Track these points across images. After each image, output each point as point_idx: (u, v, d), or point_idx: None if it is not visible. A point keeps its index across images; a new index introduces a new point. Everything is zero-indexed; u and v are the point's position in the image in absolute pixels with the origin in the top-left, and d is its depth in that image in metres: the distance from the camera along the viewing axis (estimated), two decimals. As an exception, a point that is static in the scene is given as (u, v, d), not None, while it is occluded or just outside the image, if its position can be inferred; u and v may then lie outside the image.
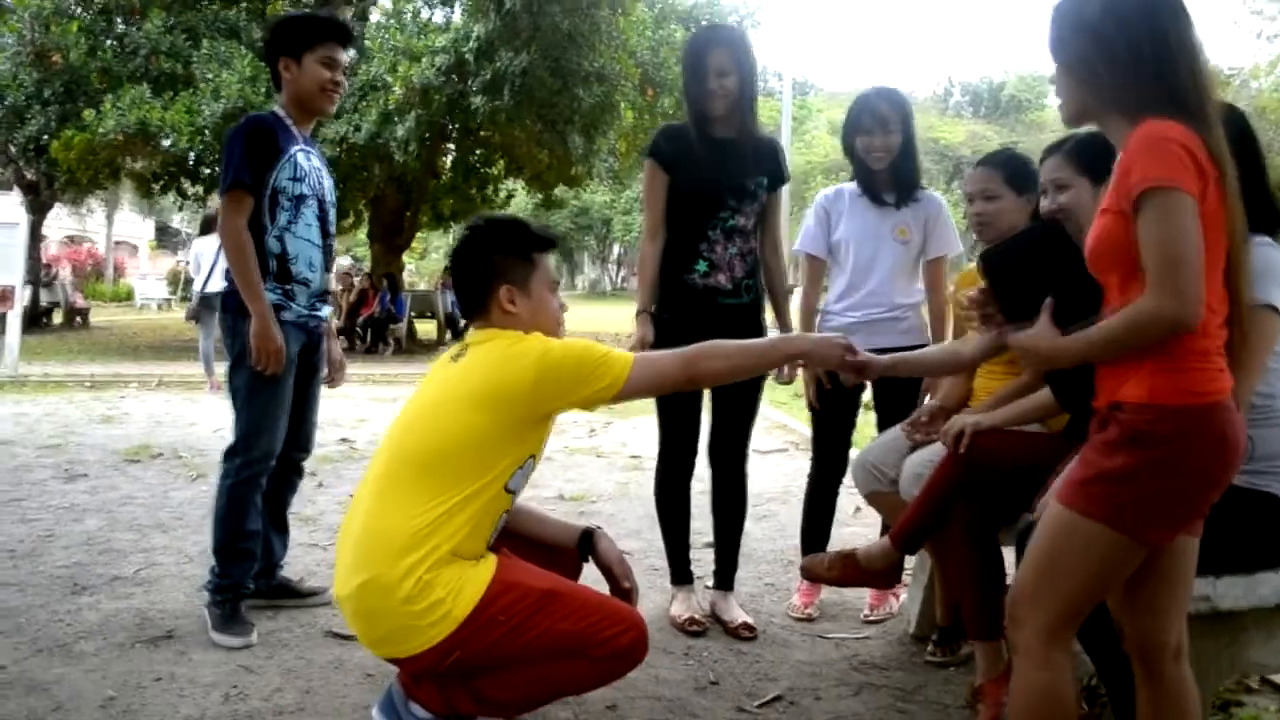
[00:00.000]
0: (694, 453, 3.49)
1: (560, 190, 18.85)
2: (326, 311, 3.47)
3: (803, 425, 7.58)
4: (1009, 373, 3.13)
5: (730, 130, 3.36)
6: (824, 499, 3.67)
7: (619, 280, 70.84)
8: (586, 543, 2.51)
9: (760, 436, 7.63)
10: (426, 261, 48.09)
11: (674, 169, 3.35)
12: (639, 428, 7.92)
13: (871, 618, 3.54)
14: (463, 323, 2.55)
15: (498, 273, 2.36)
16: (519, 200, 22.88)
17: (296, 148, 3.27)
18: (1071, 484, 1.84)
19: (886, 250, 3.52)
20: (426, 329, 18.66)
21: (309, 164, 3.31)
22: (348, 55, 3.37)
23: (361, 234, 16.56)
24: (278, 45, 3.30)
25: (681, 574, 3.54)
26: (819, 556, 3.00)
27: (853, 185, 3.60)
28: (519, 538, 2.48)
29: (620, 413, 8.78)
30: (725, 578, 3.52)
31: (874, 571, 2.96)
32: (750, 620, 3.39)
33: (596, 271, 72.66)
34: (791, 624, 3.49)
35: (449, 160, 17.31)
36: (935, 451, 2.95)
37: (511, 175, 18.04)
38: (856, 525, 4.71)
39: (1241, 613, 2.20)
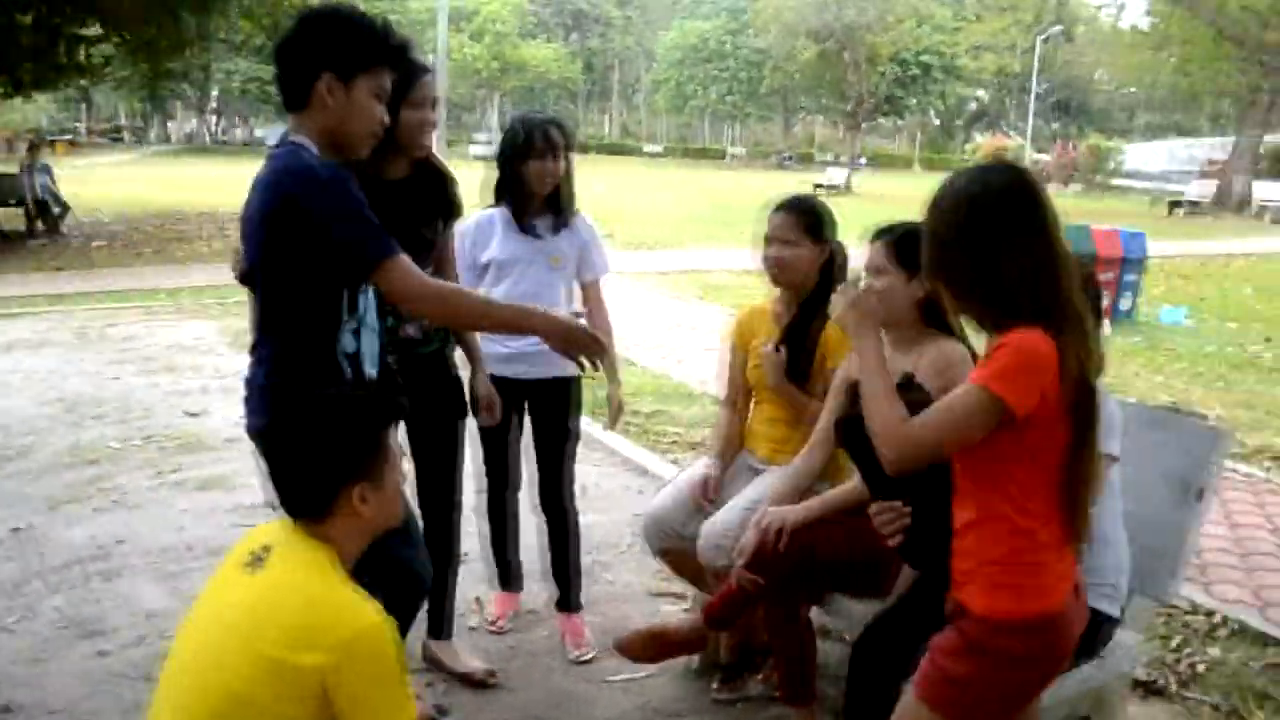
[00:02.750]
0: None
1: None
2: None
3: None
4: (790, 419, 3.20)
5: (402, 170, 2.97)
6: (500, 511, 3.68)
7: (218, 131, 65.12)
8: None
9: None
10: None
11: None
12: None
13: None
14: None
15: (350, 470, 1.88)
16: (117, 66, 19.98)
17: None
18: (924, 681, 1.98)
19: (545, 279, 3.42)
20: (10, 215, 16.14)
21: None
22: None
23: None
24: (321, 53, 2.25)
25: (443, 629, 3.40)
26: (635, 639, 2.96)
27: (500, 211, 3.41)
28: None
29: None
30: (438, 627, 3.37)
31: (688, 644, 3.00)
32: (488, 666, 3.32)
33: (193, 122, 66.29)
34: (572, 669, 3.42)
35: (30, 19, 14.73)
36: (733, 520, 2.99)
37: (111, 39, 15.74)
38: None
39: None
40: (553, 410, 3.49)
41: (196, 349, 8.15)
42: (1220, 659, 3.53)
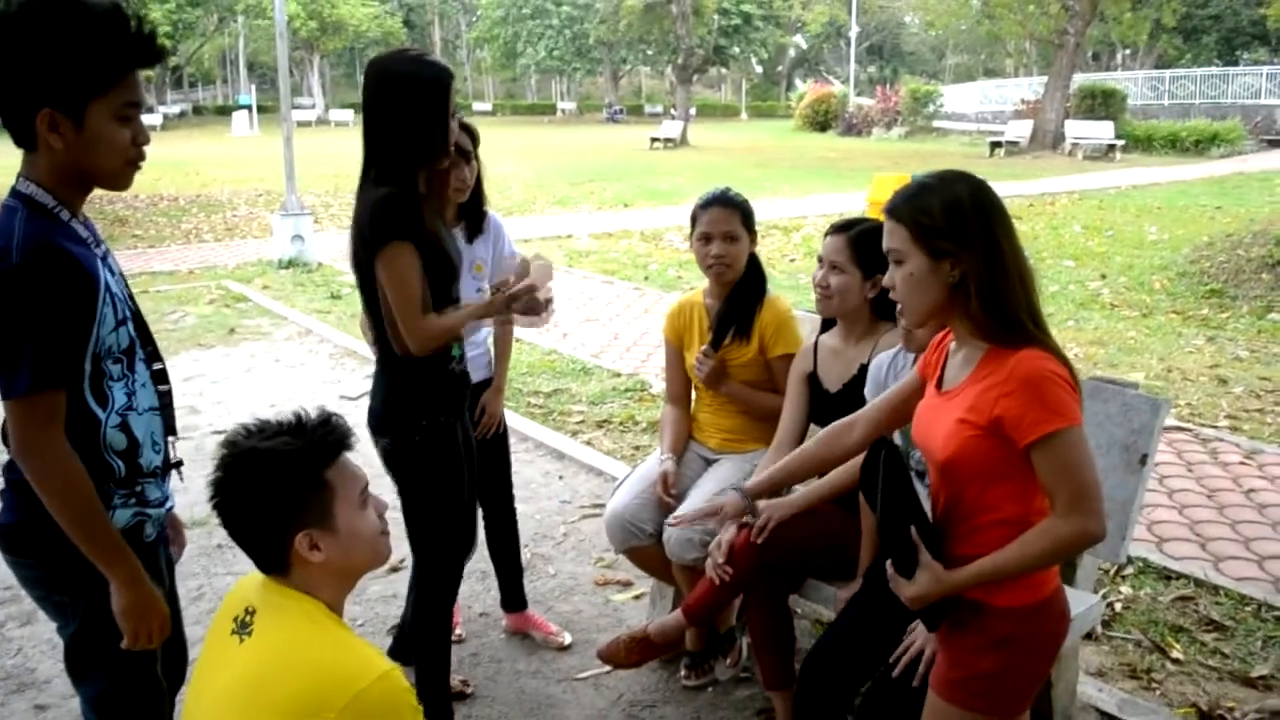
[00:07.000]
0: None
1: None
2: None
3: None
4: (737, 409, 3.29)
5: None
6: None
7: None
8: None
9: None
10: None
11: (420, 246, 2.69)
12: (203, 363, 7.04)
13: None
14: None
15: (288, 519, 1.75)
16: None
17: (98, 260, 1.91)
18: (950, 682, 2.02)
19: (471, 291, 3.33)
20: None
21: (114, 277, 1.97)
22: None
23: None
24: (33, 89, 1.77)
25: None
26: (616, 645, 2.99)
27: None
28: None
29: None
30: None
31: (670, 645, 3.04)
32: (461, 676, 3.30)
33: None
34: (539, 669, 3.44)
35: None
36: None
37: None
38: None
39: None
40: None
41: None
42: (1133, 597, 3.83)
